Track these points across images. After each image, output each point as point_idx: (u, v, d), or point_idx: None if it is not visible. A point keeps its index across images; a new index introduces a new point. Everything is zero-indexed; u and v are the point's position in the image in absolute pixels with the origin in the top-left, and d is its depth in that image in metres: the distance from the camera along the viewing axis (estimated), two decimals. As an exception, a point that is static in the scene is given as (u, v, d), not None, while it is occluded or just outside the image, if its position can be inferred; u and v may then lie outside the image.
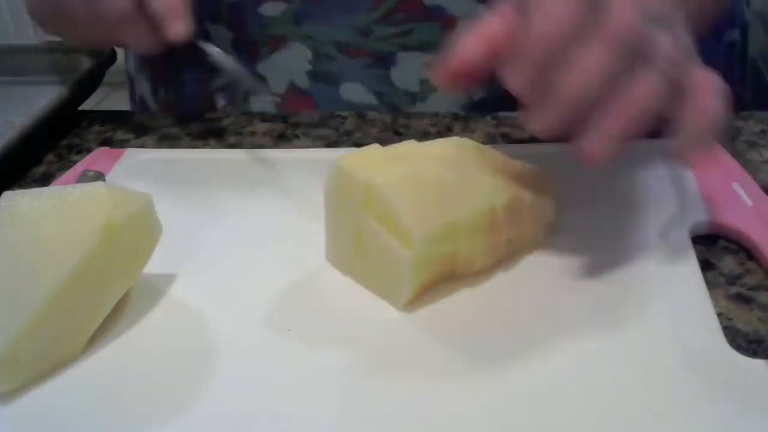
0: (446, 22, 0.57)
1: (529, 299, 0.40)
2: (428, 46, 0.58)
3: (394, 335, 0.38)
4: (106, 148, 0.57)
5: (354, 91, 0.60)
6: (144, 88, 0.70)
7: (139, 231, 0.39)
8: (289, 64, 0.61)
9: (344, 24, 0.58)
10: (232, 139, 0.58)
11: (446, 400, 0.34)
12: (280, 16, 0.59)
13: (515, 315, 0.39)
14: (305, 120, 0.59)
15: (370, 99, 0.60)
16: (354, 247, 0.41)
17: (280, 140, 0.57)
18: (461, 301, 0.40)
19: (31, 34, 2.47)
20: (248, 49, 0.61)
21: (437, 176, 0.40)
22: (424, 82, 0.59)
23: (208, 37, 0.62)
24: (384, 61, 0.59)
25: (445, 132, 0.57)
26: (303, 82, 0.61)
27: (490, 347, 0.37)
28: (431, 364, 0.36)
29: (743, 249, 0.43)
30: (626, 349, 0.36)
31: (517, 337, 0.37)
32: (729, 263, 0.42)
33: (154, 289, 0.42)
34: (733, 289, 0.40)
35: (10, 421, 0.35)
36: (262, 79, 0.62)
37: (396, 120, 0.59)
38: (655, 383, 0.34)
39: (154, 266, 0.44)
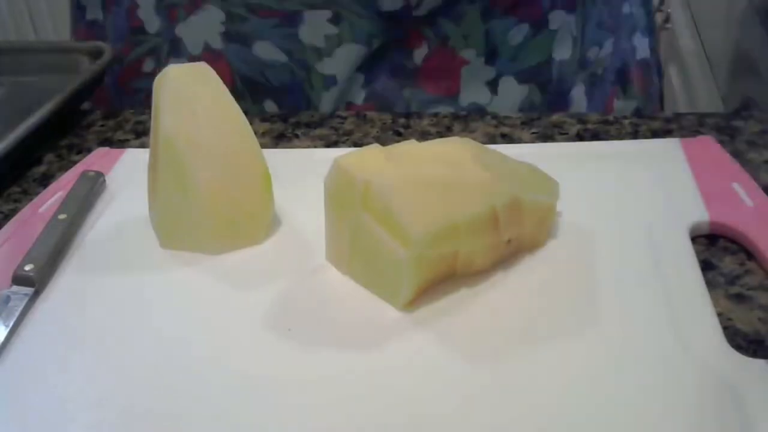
0: None
1: (529, 299, 0.40)
2: (331, 4, 0.59)
3: (393, 335, 0.38)
4: (106, 148, 0.57)
5: (266, 50, 0.62)
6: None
7: None
8: (205, 26, 0.63)
9: None
10: (232, 139, 0.58)
11: (446, 400, 0.34)
12: None
13: (515, 315, 0.39)
14: (305, 120, 0.60)
15: (281, 57, 0.62)
16: (354, 247, 0.41)
17: (280, 140, 0.57)
18: (461, 301, 0.40)
19: (31, 34, 2.48)
20: (169, 12, 0.64)
21: (437, 176, 0.40)
22: (329, 37, 0.61)
23: (134, 4, 0.65)
24: (292, 20, 0.61)
25: (445, 132, 0.57)
26: (217, 43, 0.63)
27: (490, 347, 0.37)
28: (431, 364, 0.36)
29: (743, 249, 0.43)
30: (626, 349, 0.36)
31: (516, 337, 0.37)
32: (729, 263, 0.42)
33: (153, 289, 0.42)
34: (733, 289, 0.40)
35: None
36: (179, 41, 0.64)
37: (396, 120, 0.59)
38: (655, 383, 0.34)
39: (152, 265, 0.44)
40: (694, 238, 0.43)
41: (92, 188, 0.50)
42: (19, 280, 0.42)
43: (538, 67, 0.63)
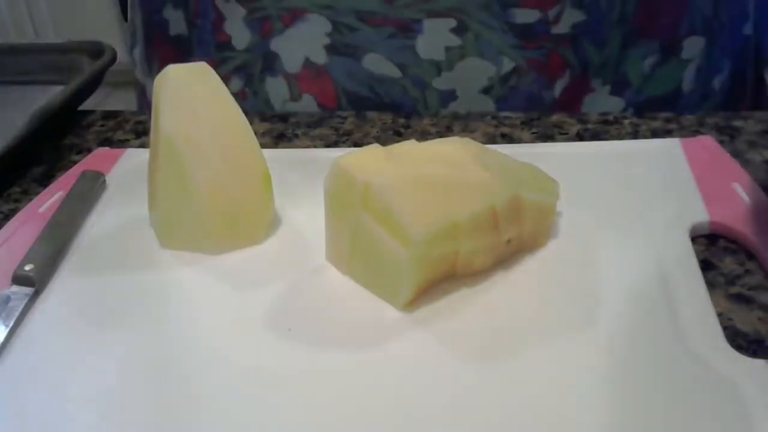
0: None
1: (529, 299, 0.40)
2: (456, 11, 0.55)
3: (393, 335, 0.38)
4: (106, 148, 0.57)
5: (376, 64, 0.57)
6: (149, 87, 0.70)
7: None
8: (306, 38, 0.58)
9: None
10: (232, 139, 0.58)
11: (445, 400, 0.34)
12: None
13: (515, 315, 0.39)
14: (305, 120, 0.59)
15: (393, 71, 0.57)
16: (354, 247, 0.41)
17: (280, 140, 0.57)
18: (461, 301, 0.40)
19: (31, 34, 2.48)
20: (262, 25, 0.59)
21: (437, 176, 0.40)
22: (449, 49, 0.55)
23: (220, 17, 0.60)
24: (409, 29, 0.55)
25: (445, 132, 0.57)
26: (320, 57, 0.58)
27: (490, 347, 0.37)
28: (431, 364, 0.36)
29: (743, 249, 0.43)
30: (626, 349, 0.36)
31: (516, 337, 0.37)
32: (729, 263, 0.42)
33: (153, 289, 0.42)
34: (733, 289, 0.40)
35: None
36: (274, 57, 0.59)
37: (396, 120, 0.59)
38: (655, 383, 0.34)
39: (152, 265, 0.44)
40: (694, 238, 0.43)
41: (92, 188, 0.50)
42: (19, 280, 0.42)
43: (663, 98, 0.58)
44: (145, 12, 0.67)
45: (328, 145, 0.56)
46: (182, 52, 0.64)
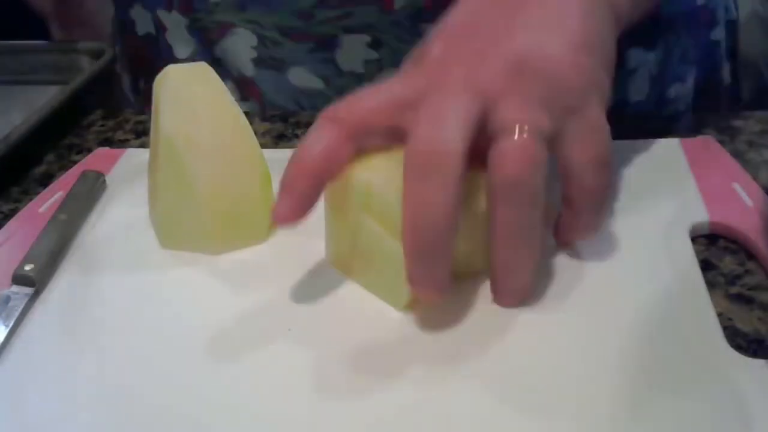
0: (385, 2, 0.56)
1: (529, 299, 0.40)
2: (370, 28, 0.57)
3: (394, 335, 0.38)
4: (106, 148, 0.57)
5: (300, 77, 0.59)
6: (125, 81, 0.70)
7: None
8: (236, 51, 0.60)
9: (286, 8, 0.57)
10: (232, 139, 0.58)
11: (446, 400, 0.34)
12: (224, 1, 0.59)
13: (515, 315, 0.39)
14: (305, 120, 0.59)
15: (317, 84, 0.59)
16: (354, 248, 0.41)
17: (280, 140, 0.57)
18: (461, 301, 0.40)
19: (31, 34, 2.48)
20: (202, 35, 0.61)
21: (437, 176, 0.40)
22: (368, 62, 0.57)
23: (162, 25, 0.62)
24: (328, 44, 0.57)
25: (445, 132, 0.56)
26: (249, 70, 0.60)
27: (491, 347, 0.37)
28: (431, 364, 0.36)
29: (743, 249, 0.43)
30: (626, 349, 0.36)
31: (517, 337, 0.37)
32: (729, 263, 0.42)
33: (153, 289, 0.42)
34: (733, 289, 0.40)
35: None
36: (218, 62, 0.61)
37: (396, 120, 0.58)
38: (655, 383, 0.34)
39: (152, 265, 0.44)
40: (694, 238, 0.43)
41: (92, 188, 0.50)
42: (19, 280, 0.42)
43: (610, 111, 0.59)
44: (115, 9, 0.69)
45: (328, 145, 0.56)
46: (151, 51, 0.66)
